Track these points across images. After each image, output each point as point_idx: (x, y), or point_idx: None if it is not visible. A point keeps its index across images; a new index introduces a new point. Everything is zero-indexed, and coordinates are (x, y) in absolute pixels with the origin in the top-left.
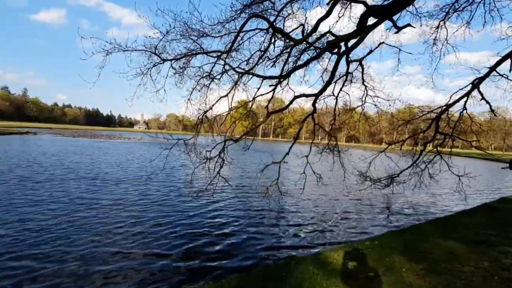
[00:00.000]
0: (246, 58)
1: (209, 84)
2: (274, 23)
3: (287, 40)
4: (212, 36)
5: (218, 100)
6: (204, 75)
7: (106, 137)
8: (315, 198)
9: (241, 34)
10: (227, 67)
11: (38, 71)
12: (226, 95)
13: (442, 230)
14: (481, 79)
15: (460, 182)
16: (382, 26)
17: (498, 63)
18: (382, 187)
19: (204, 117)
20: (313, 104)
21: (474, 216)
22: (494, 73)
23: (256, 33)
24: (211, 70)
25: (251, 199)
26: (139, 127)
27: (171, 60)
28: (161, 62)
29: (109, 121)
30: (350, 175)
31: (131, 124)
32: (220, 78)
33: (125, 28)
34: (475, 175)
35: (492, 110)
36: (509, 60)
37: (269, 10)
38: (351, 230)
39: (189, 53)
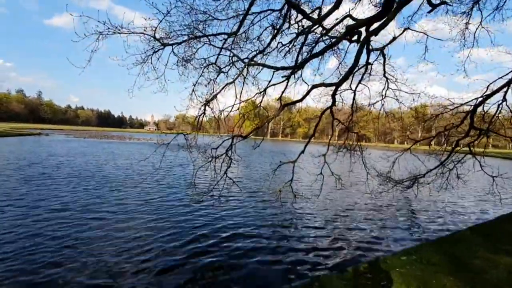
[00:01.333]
0: (256, 48)
1: (216, 77)
2: None
3: (302, 24)
4: (218, 19)
5: (224, 87)
6: (210, 64)
7: (116, 138)
8: (334, 202)
9: (251, 17)
10: (235, 58)
11: (51, 73)
12: (233, 82)
13: (488, 241)
14: None
15: (494, 183)
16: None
17: None
18: (404, 189)
19: (206, 107)
20: (333, 96)
21: None
22: None
23: (268, 15)
24: (217, 59)
25: (262, 203)
26: (149, 128)
27: (172, 44)
28: (162, 47)
29: (120, 122)
30: (370, 176)
31: (141, 125)
32: (228, 71)
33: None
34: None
35: None
36: None
37: None
38: (379, 240)
39: (192, 36)
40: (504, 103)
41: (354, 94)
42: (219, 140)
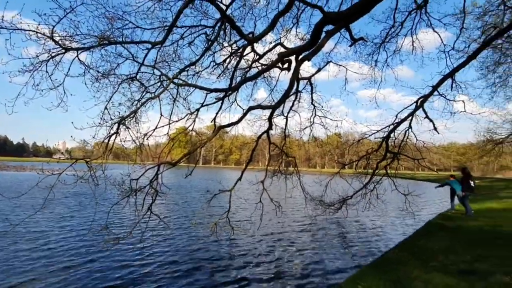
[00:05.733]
0: (186, 64)
1: (141, 96)
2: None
3: (235, 46)
4: (141, 28)
5: (145, 102)
6: (129, 78)
7: (13, 168)
8: (272, 231)
9: (180, 31)
10: (163, 77)
11: None
12: (157, 97)
13: (418, 259)
14: (425, 98)
15: (406, 200)
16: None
17: (441, 81)
18: (335, 211)
19: (122, 126)
20: (269, 119)
21: (434, 238)
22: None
23: (200, 30)
24: (137, 73)
25: (195, 240)
26: (59, 157)
27: (77, 49)
28: (62, 52)
29: (20, 150)
30: (300, 199)
31: (49, 153)
32: (155, 92)
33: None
34: (419, 193)
35: (435, 128)
36: (450, 79)
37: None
38: (320, 268)
39: (104, 41)
40: (410, 130)
41: (286, 120)
42: (142, 169)
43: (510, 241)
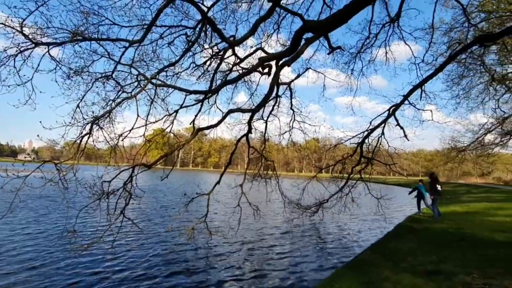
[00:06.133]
0: (166, 64)
1: (117, 96)
2: (206, 15)
3: (216, 49)
4: (118, 25)
5: (121, 102)
6: (104, 76)
7: None
8: (251, 235)
9: (160, 30)
10: (141, 77)
11: None
12: (134, 97)
13: (389, 260)
14: (397, 106)
15: (379, 204)
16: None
17: (411, 91)
18: (312, 214)
19: (95, 126)
20: (249, 123)
21: (403, 240)
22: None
23: (180, 31)
24: (113, 72)
25: (171, 246)
26: (25, 157)
27: (48, 44)
28: (32, 46)
29: None
30: (278, 202)
31: (14, 152)
32: (132, 92)
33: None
34: (390, 197)
35: (405, 135)
36: (419, 90)
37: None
38: (298, 271)
39: (78, 36)
40: (383, 136)
41: (266, 124)
42: (116, 171)
43: (472, 243)
